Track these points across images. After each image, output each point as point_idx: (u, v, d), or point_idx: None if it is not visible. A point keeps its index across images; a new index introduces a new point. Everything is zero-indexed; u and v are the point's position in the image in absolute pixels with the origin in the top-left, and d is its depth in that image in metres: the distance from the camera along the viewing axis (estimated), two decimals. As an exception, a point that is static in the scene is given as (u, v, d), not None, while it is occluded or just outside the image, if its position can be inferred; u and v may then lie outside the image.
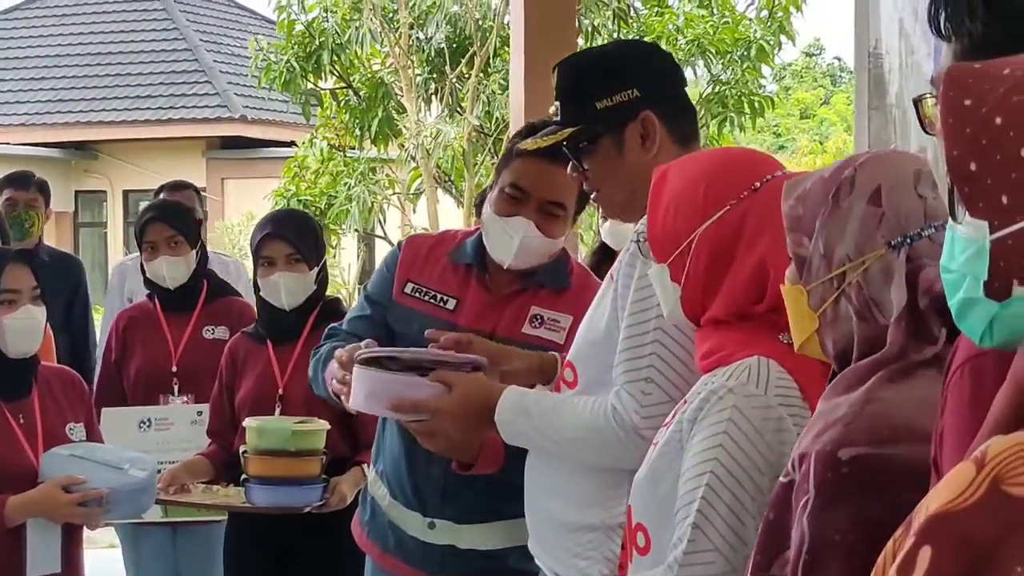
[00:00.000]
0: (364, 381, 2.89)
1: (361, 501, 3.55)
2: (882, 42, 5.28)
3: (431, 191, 11.74)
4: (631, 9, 11.50)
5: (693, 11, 11.75)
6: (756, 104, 11.61)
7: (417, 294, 3.33)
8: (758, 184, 2.26)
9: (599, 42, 10.91)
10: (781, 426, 2.08)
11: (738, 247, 2.25)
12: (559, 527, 2.70)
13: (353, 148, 12.52)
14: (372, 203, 11.54)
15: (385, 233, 12.57)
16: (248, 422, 3.96)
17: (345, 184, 11.67)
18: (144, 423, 4.66)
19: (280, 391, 4.21)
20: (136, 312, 4.96)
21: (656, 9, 11.95)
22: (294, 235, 4.24)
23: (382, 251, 14.06)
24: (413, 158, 11.61)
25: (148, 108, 20.41)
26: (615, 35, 11.27)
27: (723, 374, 2.16)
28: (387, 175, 12.36)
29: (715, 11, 11.92)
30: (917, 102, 2.01)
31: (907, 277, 1.78)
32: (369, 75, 12.05)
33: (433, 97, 11.82)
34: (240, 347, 4.36)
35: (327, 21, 11.55)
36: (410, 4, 11.50)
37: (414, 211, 12.53)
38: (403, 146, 12.16)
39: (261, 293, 4.28)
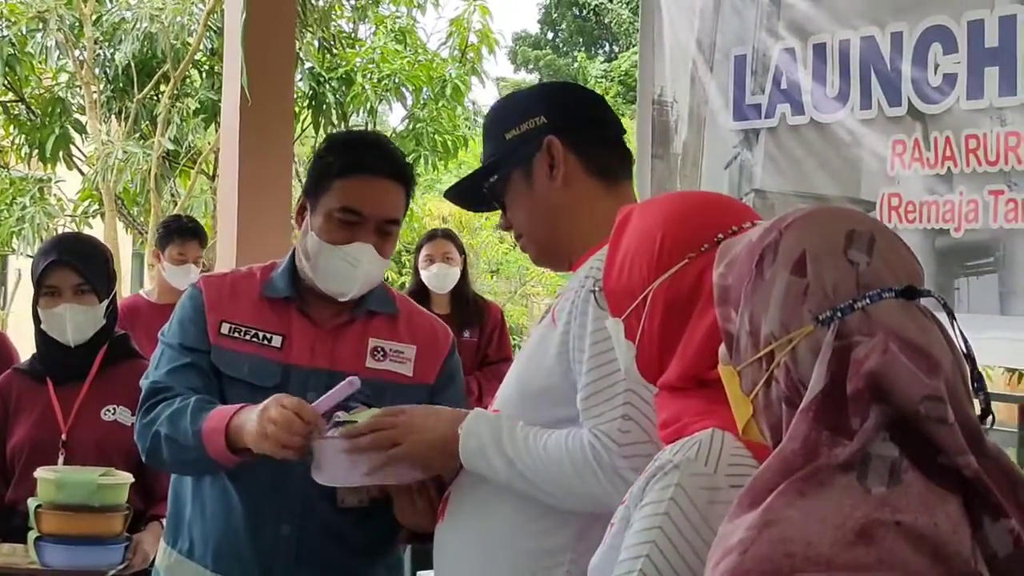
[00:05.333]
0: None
1: None
2: (668, 89, 5.24)
3: (111, 215, 11.11)
4: (335, 40, 11.24)
5: (388, 45, 11.58)
6: (450, 143, 11.53)
7: (236, 334, 2.97)
8: (721, 236, 1.98)
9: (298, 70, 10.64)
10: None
11: (695, 306, 2.00)
12: None
13: (15, 166, 11.77)
14: (49, 225, 10.85)
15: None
16: (42, 472, 3.52)
17: (18, 203, 10.92)
18: None
19: (63, 437, 3.79)
20: None
21: (349, 41, 11.74)
22: (82, 262, 3.82)
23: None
24: (93, 182, 10.93)
25: None
26: (319, 64, 11.02)
27: (671, 448, 1.93)
28: (56, 196, 11.65)
29: (408, 48, 11.79)
30: None
31: (835, 357, 1.53)
32: (42, 90, 11.33)
33: (114, 117, 11.20)
34: (12, 386, 3.90)
35: (1, 30, 10.79)
36: (96, 19, 10.89)
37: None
38: (75, 167, 11.50)
39: (42, 326, 3.83)
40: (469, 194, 2.71)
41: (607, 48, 31.31)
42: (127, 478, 3.57)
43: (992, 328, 4.18)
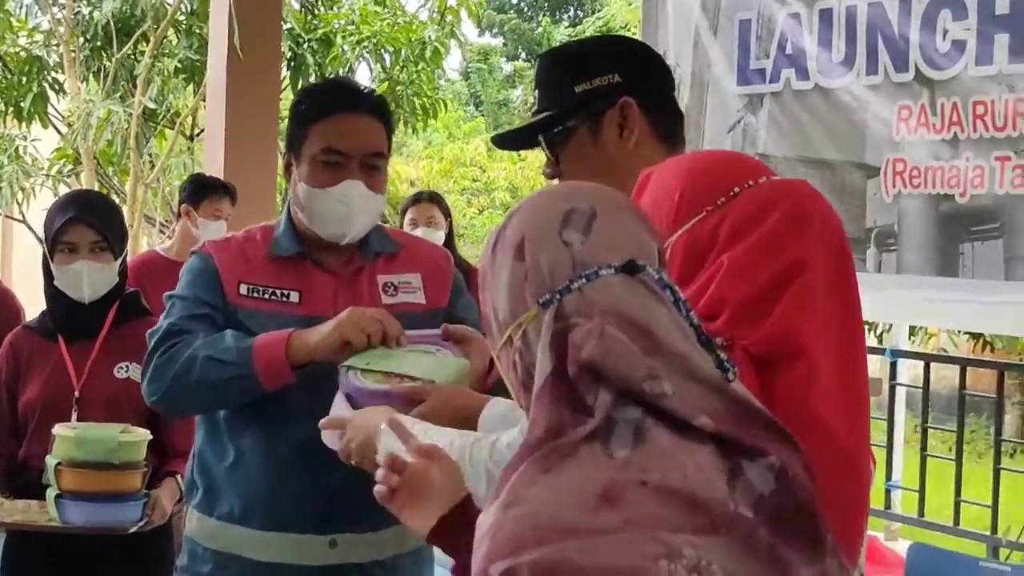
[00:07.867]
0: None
1: (189, 557, 3.01)
2: (671, 52, 5.25)
3: (89, 174, 11.04)
4: (317, 1, 11.20)
5: (368, 7, 11.53)
6: (428, 106, 11.51)
7: (256, 294, 2.95)
8: (737, 190, 2.05)
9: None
10: None
11: (708, 258, 2.03)
12: None
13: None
14: (28, 185, 10.76)
15: (24, 217, 11.76)
16: (61, 429, 3.52)
17: (-8, 162, 10.84)
18: None
19: (76, 393, 3.78)
20: None
21: (328, 3, 11.68)
22: (100, 220, 3.81)
23: (20, 235, 13.17)
24: (72, 141, 10.84)
25: None
26: (299, 26, 10.97)
27: None
28: (31, 155, 11.56)
29: (387, 9, 11.75)
30: None
31: (555, 339, 1.54)
32: (18, 48, 11.23)
33: (92, 76, 11.12)
34: (23, 342, 3.89)
35: (-22, -14, 10.71)
36: (77, -25, 10.82)
37: (56, 195, 11.77)
38: (51, 125, 11.42)
39: (56, 282, 3.82)
40: (520, 138, 2.69)
41: (572, 13, 31.19)
42: (145, 435, 3.58)
43: (997, 293, 4.23)
